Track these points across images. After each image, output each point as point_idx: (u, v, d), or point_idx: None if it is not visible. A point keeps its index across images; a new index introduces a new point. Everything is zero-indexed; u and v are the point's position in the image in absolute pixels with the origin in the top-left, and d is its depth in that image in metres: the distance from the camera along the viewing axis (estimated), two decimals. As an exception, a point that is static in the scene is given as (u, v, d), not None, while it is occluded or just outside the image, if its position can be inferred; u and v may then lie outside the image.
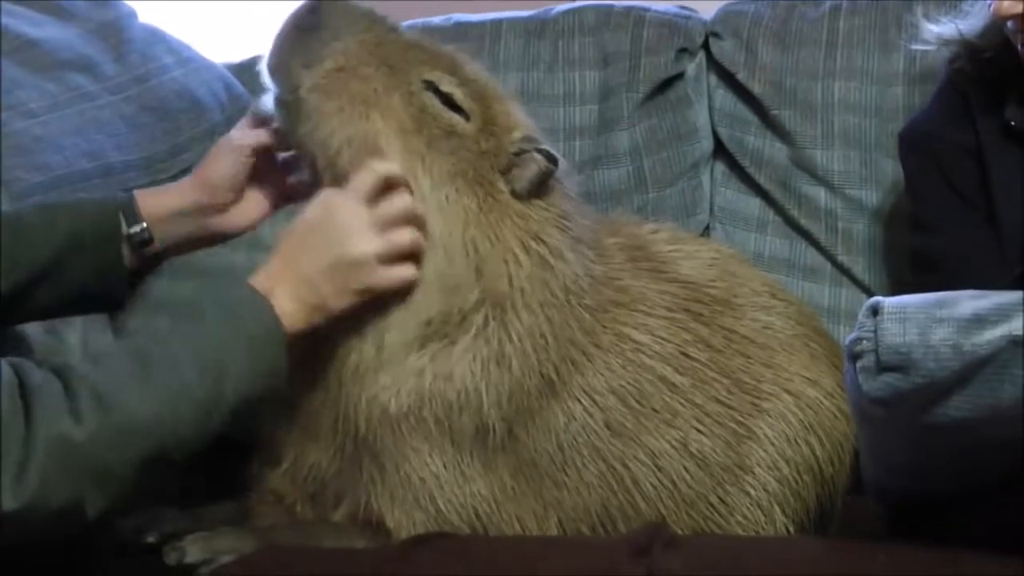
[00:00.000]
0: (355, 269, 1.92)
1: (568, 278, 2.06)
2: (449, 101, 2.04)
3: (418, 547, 1.94)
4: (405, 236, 1.95)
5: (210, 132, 2.80)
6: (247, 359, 1.83)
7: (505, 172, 2.05)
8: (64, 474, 1.67)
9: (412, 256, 1.97)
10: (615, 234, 2.24)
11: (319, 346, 2.00)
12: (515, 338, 2.01)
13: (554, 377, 2.03)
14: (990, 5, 2.27)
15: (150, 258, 2.07)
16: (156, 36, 2.89)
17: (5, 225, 1.99)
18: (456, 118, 2.04)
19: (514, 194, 2.05)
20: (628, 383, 2.08)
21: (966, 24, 2.41)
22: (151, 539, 2.04)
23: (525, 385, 2.01)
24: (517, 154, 2.06)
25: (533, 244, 2.04)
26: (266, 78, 2.06)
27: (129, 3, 2.91)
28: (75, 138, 2.54)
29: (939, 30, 2.46)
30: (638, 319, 2.12)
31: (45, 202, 2.15)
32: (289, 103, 2.02)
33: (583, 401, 2.05)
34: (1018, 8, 2.21)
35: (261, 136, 2.08)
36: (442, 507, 2.00)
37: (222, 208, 2.07)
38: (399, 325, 1.99)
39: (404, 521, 2.00)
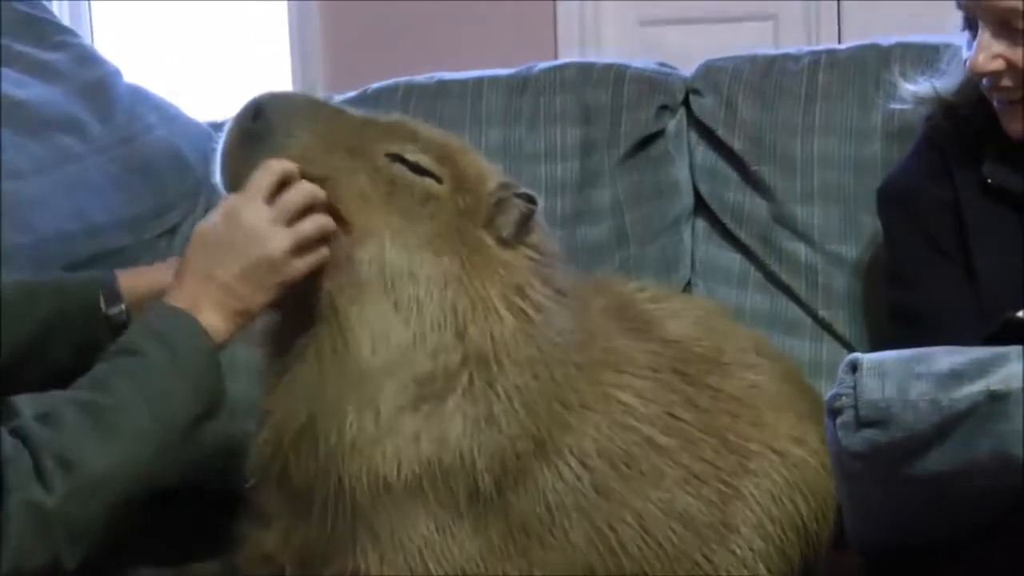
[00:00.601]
0: (270, 266, 1.92)
1: (553, 331, 2.05)
2: (417, 168, 2.03)
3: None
4: (309, 225, 1.95)
5: (195, 189, 2.80)
6: (189, 385, 1.84)
7: (487, 224, 2.05)
8: (40, 540, 1.69)
9: (322, 239, 1.97)
10: (600, 293, 2.25)
11: (312, 421, 1.99)
12: (502, 396, 1.99)
13: (544, 437, 2.02)
14: (966, 63, 2.30)
15: None
16: (140, 95, 2.90)
17: None
18: (429, 182, 2.03)
19: (501, 242, 2.04)
20: (616, 445, 2.07)
21: (942, 82, 2.44)
22: None
23: (515, 446, 1.99)
24: (497, 203, 2.06)
25: (516, 299, 2.03)
26: (222, 190, 2.05)
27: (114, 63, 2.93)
28: (62, 199, 2.54)
29: (915, 89, 2.49)
30: (625, 380, 2.12)
31: (26, 280, 2.15)
32: None
33: (571, 463, 2.03)
34: (992, 65, 2.23)
35: None
36: (432, 569, 1.99)
37: None
38: (389, 391, 1.98)
39: None
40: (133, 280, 2.08)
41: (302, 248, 1.94)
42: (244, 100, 2.06)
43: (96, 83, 2.81)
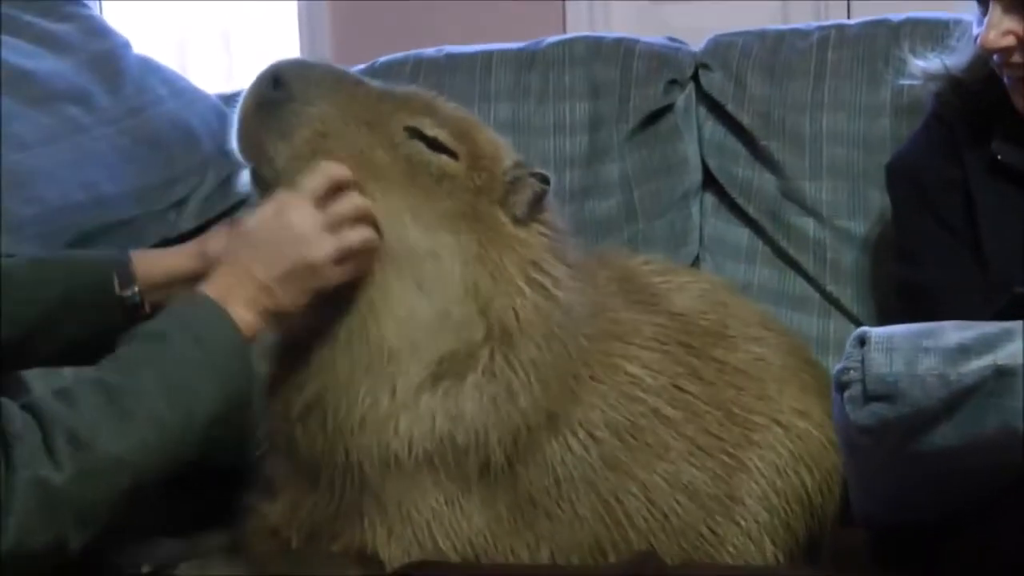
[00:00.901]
0: (311, 272, 1.92)
1: (568, 307, 2.07)
2: (435, 144, 2.04)
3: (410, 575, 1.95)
4: (356, 236, 1.95)
5: (203, 163, 2.81)
6: (215, 380, 1.84)
7: (502, 202, 2.07)
8: (45, 517, 1.68)
9: (365, 251, 1.98)
10: (606, 266, 2.26)
11: (322, 395, 2.00)
12: (520, 372, 2.01)
13: (556, 410, 2.04)
14: (976, 40, 2.29)
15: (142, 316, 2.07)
16: (150, 67, 2.89)
17: None
18: (445, 159, 2.04)
19: (515, 220, 2.07)
20: (623, 416, 2.08)
21: (952, 59, 2.43)
22: (146, 569, 2.04)
23: (529, 420, 2.01)
24: (511, 182, 2.07)
25: (535, 274, 2.05)
26: (239, 156, 2.05)
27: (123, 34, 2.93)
28: (69, 170, 2.54)
29: (925, 65, 2.48)
30: (631, 351, 2.13)
31: (39, 257, 2.16)
32: (269, 177, 2.01)
33: (579, 435, 2.05)
34: (1003, 42, 2.23)
35: None
36: (440, 542, 2.00)
37: None
38: (410, 369, 1.99)
39: (400, 556, 2.00)
40: (148, 263, 2.08)
41: (344, 257, 1.94)
42: (256, 69, 2.06)
43: (105, 55, 2.80)
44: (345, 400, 1.99)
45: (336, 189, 1.96)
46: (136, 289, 2.05)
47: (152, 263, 2.08)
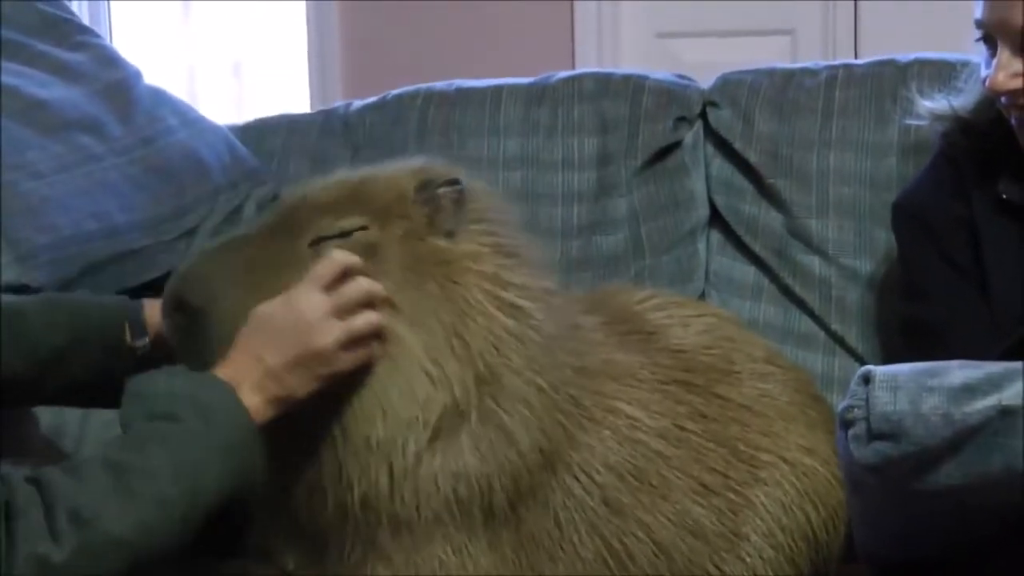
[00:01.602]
0: (319, 359, 1.92)
1: (545, 324, 2.03)
2: (343, 234, 1.99)
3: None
4: (362, 321, 1.94)
5: (214, 193, 2.82)
6: (223, 460, 1.83)
7: (430, 230, 2.02)
8: None
9: (373, 336, 1.96)
10: (599, 307, 2.25)
11: (321, 476, 1.99)
12: (511, 409, 1.99)
13: (553, 450, 2.02)
14: (984, 81, 2.30)
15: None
16: (161, 97, 2.91)
17: (5, 317, 2.02)
18: (359, 235, 2.00)
19: (450, 236, 2.01)
20: (623, 458, 2.07)
21: (959, 100, 2.44)
22: None
23: (527, 461, 2.00)
24: (425, 205, 2.02)
25: (499, 292, 2.01)
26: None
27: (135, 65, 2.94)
28: (82, 199, 2.55)
29: (932, 105, 2.49)
30: (630, 393, 2.12)
31: (52, 296, 2.18)
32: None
33: (580, 478, 2.04)
34: (1012, 84, 2.24)
35: None
36: None
37: None
38: (411, 438, 1.97)
39: None
40: (158, 314, 2.08)
41: (353, 342, 1.94)
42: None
43: (117, 84, 2.82)
44: (353, 475, 1.97)
45: (344, 275, 1.95)
46: (147, 340, 2.07)
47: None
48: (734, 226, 2.83)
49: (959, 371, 1.75)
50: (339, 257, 1.96)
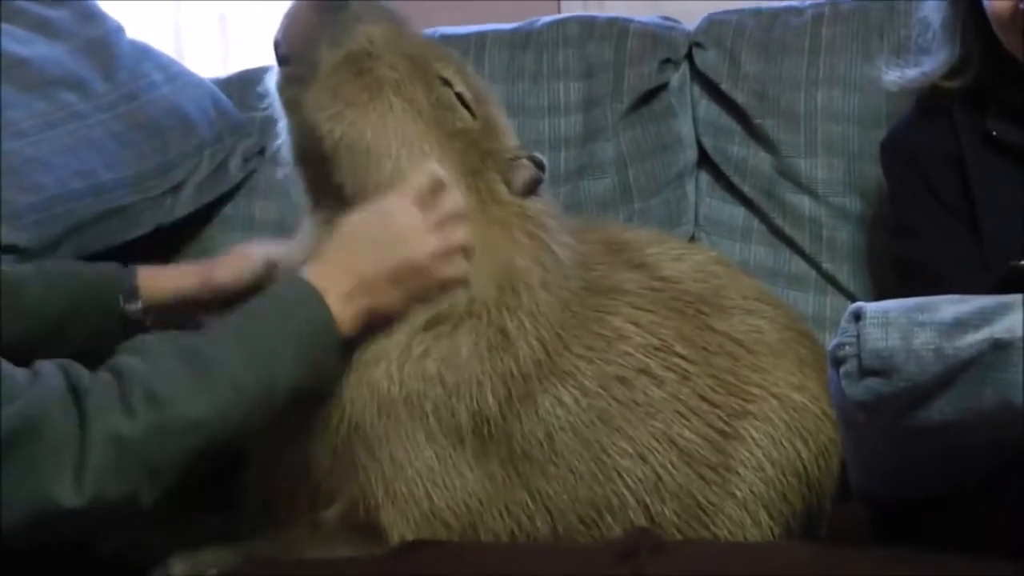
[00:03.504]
0: (417, 272, 1.97)
1: (564, 261, 2.12)
2: (461, 99, 2.11)
3: (404, 555, 1.96)
4: (459, 234, 2.01)
5: (198, 148, 2.81)
6: (299, 352, 1.86)
7: (502, 174, 2.12)
8: (119, 470, 1.70)
9: (463, 251, 2.03)
10: (600, 234, 2.28)
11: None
12: (516, 320, 2.05)
13: (548, 361, 2.07)
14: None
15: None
16: (144, 52, 2.89)
17: (4, 287, 2.03)
18: (466, 114, 2.11)
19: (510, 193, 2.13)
20: (612, 369, 2.10)
21: (929, 64, 2.45)
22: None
23: (524, 369, 2.04)
24: (512, 159, 2.13)
25: (534, 229, 2.11)
26: (274, 52, 2.08)
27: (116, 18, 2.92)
28: (66, 157, 2.54)
29: (902, 80, 2.50)
30: (623, 309, 2.15)
31: (46, 266, 2.18)
32: (304, 79, 2.06)
33: (569, 386, 2.08)
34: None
35: (274, 250, 2.13)
36: (436, 501, 2.02)
37: (216, 307, 2.11)
38: (410, 315, 2.02)
39: (397, 518, 2.02)
40: (153, 280, 2.10)
41: (447, 256, 1.98)
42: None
43: (99, 40, 2.80)
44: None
45: (437, 189, 2.00)
46: (140, 305, 2.08)
47: (157, 281, 2.11)
48: (723, 167, 2.82)
49: (950, 306, 1.74)
50: (433, 170, 2.01)
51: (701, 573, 1.86)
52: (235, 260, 2.16)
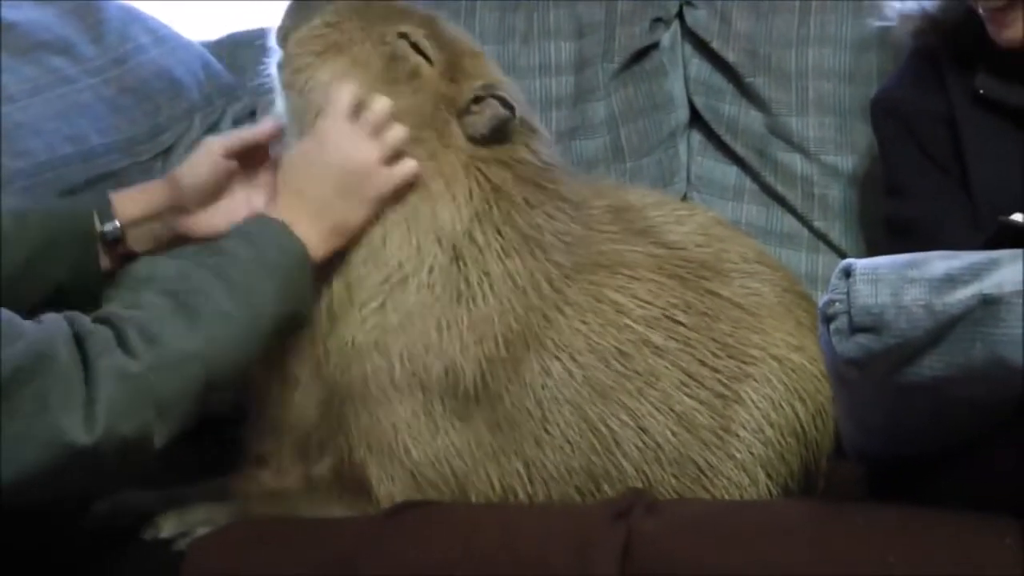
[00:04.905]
0: (363, 178, 2.02)
1: (528, 227, 2.12)
2: (416, 47, 2.14)
3: (396, 515, 1.97)
4: (398, 133, 2.06)
5: (189, 111, 2.81)
6: (275, 280, 1.91)
7: (460, 115, 2.14)
8: (129, 404, 1.73)
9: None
10: (602, 197, 2.27)
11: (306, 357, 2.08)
12: (472, 279, 2.08)
13: (521, 328, 2.08)
14: None
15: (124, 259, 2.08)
16: (132, 15, 2.88)
17: None
18: (419, 60, 2.13)
19: (471, 140, 2.13)
20: (609, 344, 2.11)
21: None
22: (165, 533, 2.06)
23: (492, 331, 2.07)
24: (475, 100, 2.14)
25: (487, 189, 2.11)
26: (273, 44, 2.18)
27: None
28: (56, 122, 2.54)
29: (901, 7, 2.48)
30: (619, 282, 2.15)
31: (17, 208, 2.15)
32: (282, 60, 2.15)
33: (561, 358, 2.09)
34: None
35: (235, 138, 2.11)
36: (418, 458, 2.05)
37: (191, 210, 2.08)
38: (364, 261, 2.06)
39: (383, 476, 2.06)
40: (126, 200, 2.08)
41: (391, 159, 2.04)
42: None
43: (87, 4, 2.79)
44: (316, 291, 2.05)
45: (360, 103, 2.05)
46: (116, 224, 2.06)
47: (129, 200, 2.09)
48: (714, 126, 2.82)
49: (940, 262, 1.74)
50: (349, 85, 2.07)
51: (693, 531, 1.86)
52: (197, 156, 2.14)
